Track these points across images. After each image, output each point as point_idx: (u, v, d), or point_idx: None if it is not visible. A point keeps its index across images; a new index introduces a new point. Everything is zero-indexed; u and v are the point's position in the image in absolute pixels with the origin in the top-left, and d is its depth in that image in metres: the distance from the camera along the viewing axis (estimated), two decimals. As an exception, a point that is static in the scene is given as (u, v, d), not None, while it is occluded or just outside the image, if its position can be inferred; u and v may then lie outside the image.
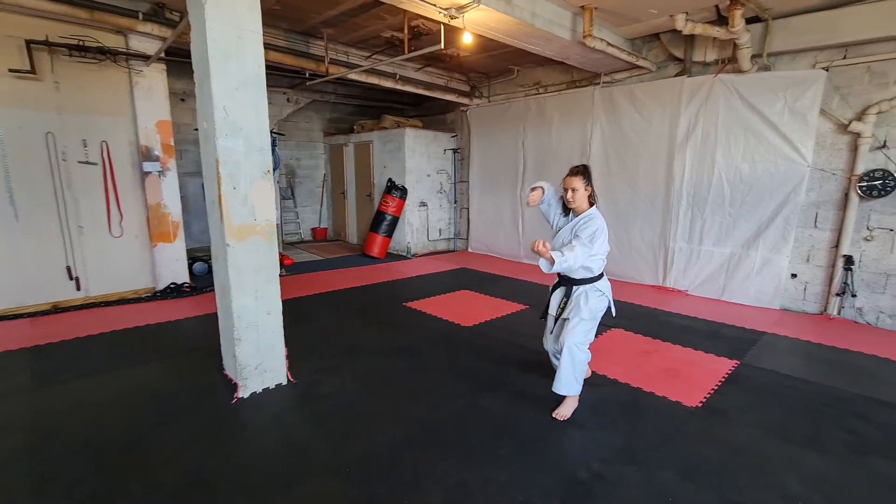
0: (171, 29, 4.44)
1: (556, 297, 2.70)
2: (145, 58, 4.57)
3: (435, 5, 3.65)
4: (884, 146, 4.11)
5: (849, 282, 4.37)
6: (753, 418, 2.67)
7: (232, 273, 2.64)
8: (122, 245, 4.79)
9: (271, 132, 7.64)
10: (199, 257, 6.12)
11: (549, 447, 2.35)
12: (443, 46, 4.12)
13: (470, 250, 8.19)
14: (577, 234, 2.46)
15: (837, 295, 4.45)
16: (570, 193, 2.50)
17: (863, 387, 3.10)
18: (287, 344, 3.00)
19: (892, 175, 4.05)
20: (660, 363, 3.42)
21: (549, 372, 2.85)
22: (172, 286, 5.03)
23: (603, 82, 5.93)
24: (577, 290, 2.59)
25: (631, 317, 4.48)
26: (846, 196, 4.35)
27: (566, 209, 2.62)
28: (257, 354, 2.82)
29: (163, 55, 4.61)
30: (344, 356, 3.47)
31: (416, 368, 3.30)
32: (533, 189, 2.61)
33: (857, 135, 4.20)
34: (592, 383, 3.01)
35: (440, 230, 8.31)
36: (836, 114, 4.34)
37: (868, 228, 4.28)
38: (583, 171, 2.52)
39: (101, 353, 3.45)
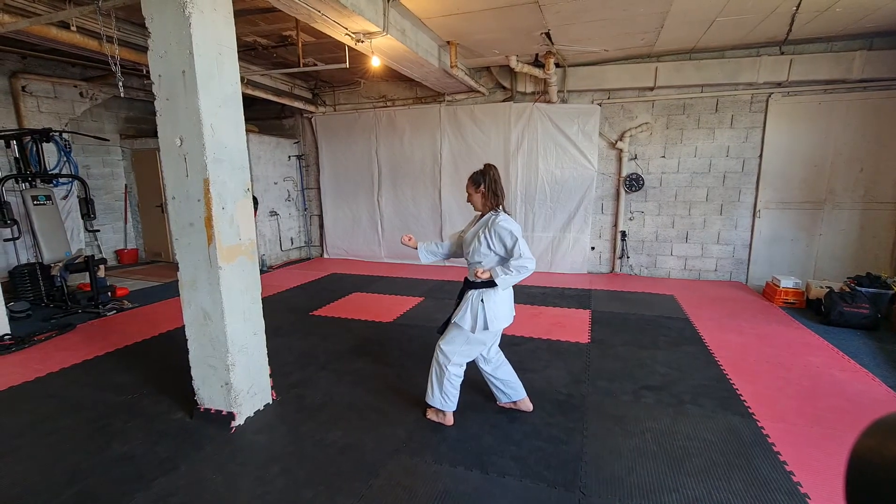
0: None
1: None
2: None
3: (346, 28, 3.92)
4: (635, 157, 6.32)
5: (624, 248, 6.54)
6: (619, 340, 4.05)
7: (225, 297, 2.52)
8: None
9: (60, 133, 6.16)
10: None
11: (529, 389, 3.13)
12: (347, 65, 4.37)
13: (326, 256, 8.24)
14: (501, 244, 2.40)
15: (619, 258, 6.59)
16: (468, 197, 2.57)
17: (651, 310, 4.93)
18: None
19: (641, 177, 6.28)
20: (547, 320, 4.61)
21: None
22: (-16, 342, 3.82)
23: (447, 101, 6.98)
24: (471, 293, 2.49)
25: (504, 292, 5.64)
26: (618, 191, 6.48)
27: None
28: (248, 377, 2.73)
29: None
30: (304, 367, 3.50)
31: (384, 362, 3.60)
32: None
33: (620, 150, 6.33)
34: (518, 343, 3.94)
35: (292, 239, 8.08)
36: (608, 135, 6.40)
37: (631, 212, 6.50)
38: (472, 176, 2.53)
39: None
